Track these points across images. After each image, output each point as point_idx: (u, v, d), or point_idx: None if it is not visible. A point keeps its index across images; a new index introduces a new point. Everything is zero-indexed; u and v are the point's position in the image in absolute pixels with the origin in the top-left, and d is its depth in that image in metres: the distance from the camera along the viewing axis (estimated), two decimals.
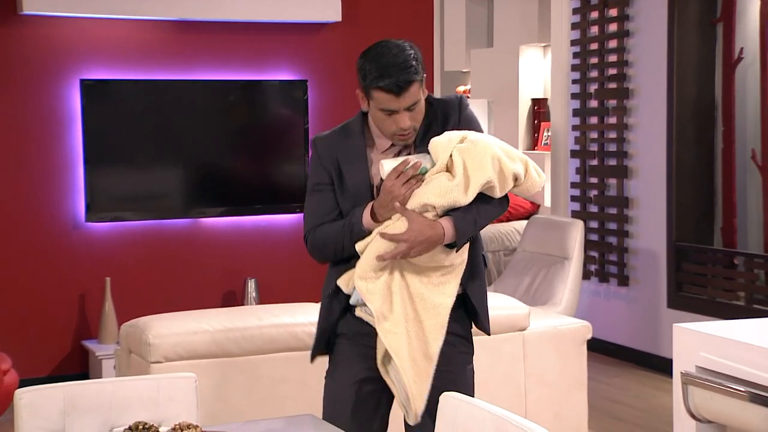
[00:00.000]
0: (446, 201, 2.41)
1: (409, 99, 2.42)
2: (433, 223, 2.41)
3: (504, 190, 2.47)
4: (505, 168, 2.44)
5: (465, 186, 2.41)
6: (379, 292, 2.44)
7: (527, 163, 2.52)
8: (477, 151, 2.42)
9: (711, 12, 5.47)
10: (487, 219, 2.49)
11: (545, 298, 5.20)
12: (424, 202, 2.42)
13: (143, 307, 5.12)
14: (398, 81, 2.38)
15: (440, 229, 2.41)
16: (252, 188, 5.68)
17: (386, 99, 2.41)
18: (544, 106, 7.66)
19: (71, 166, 5.31)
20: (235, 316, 3.46)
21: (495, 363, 3.72)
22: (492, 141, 2.49)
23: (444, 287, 2.48)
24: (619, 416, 4.78)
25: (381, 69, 2.39)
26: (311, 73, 5.76)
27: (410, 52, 2.43)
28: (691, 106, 5.48)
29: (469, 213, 2.44)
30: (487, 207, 2.47)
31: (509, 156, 2.47)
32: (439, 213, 2.43)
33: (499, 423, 1.96)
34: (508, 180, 2.46)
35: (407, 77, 2.39)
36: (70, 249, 5.32)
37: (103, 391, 2.29)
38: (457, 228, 2.42)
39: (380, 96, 2.41)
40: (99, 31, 5.35)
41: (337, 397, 2.57)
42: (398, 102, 2.41)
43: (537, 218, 5.75)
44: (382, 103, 2.42)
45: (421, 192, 2.42)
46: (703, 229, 5.53)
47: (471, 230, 2.45)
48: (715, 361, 2.96)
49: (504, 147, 2.49)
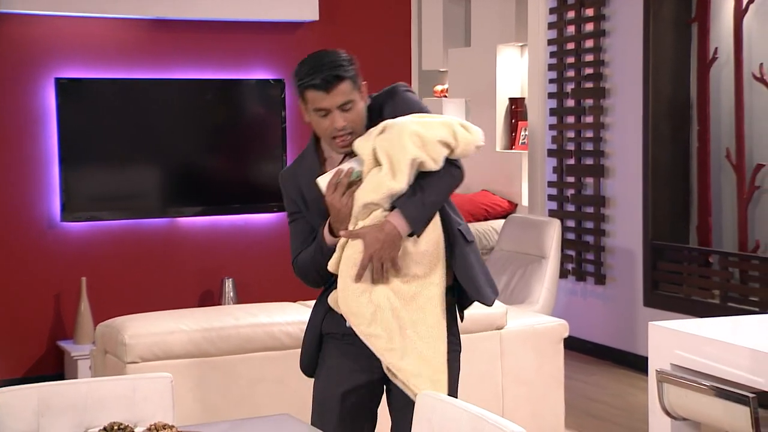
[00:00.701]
0: (382, 193, 2.40)
1: (339, 96, 2.43)
2: (381, 226, 2.41)
3: (438, 160, 2.43)
4: (427, 139, 2.41)
5: (392, 172, 2.40)
6: (364, 314, 2.43)
7: (452, 126, 2.47)
8: (394, 135, 2.42)
9: (686, 12, 5.51)
10: (436, 194, 2.44)
11: (522, 296, 5.22)
12: (365, 203, 2.42)
13: (119, 307, 5.09)
14: (326, 77, 2.42)
15: (390, 226, 2.41)
16: (229, 187, 5.66)
17: (317, 97, 2.44)
18: (521, 106, 7.69)
19: (46, 165, 5.27)
20: (211, 316, 3.45)
21: (472, 362, 3.73)
22: (409, 119, 2.46)
23: (430, 277, 2.46)
24: (596, 414, 4.81)
25: (311, 68, 2.45)
26: (288, 73, 5.70)
27: (343, 55, 2.48)
28: (666, 105, 5.52)
29: (413, 195, 2.43)
30: (432, 181, 2.44)
31: (428, 127, 2.44)
32: (385, 208, 2.43)
33: (476, 422, 1.96)
34: (437, 149, 2.42)
35: (335, 72, 2.42)
36: (45, 249, 5.28)
37: (77, 391, 2.28)
38: (406, 215, 2.41)
39: (311, 95, 2.45)
40: (74, 29, 5.31)
41: (325, 406, 2.57)
42: (329, 99, 2.43)
43: (514, 217, 5.77)
44: (314, 103, 2.45)
45: (359, 194, 2.43)
46: (678, 228, 5.57)
47: (421, 210, 2.43)
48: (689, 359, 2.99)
49: (423, 120, 2.46)
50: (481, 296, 2.57)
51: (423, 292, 2.45)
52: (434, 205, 2.46)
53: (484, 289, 2.57)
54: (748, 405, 2.72)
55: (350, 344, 2.52)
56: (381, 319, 2.42)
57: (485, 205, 7.50)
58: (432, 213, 2.46)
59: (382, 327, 2.42)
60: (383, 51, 5.85)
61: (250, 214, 5.62)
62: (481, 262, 2.60)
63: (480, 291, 2.56)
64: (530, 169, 6.50)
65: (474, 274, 2.55)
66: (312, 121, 2.50)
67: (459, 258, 2.52)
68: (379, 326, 2.42)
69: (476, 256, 2.59)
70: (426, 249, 2.46)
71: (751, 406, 2.71)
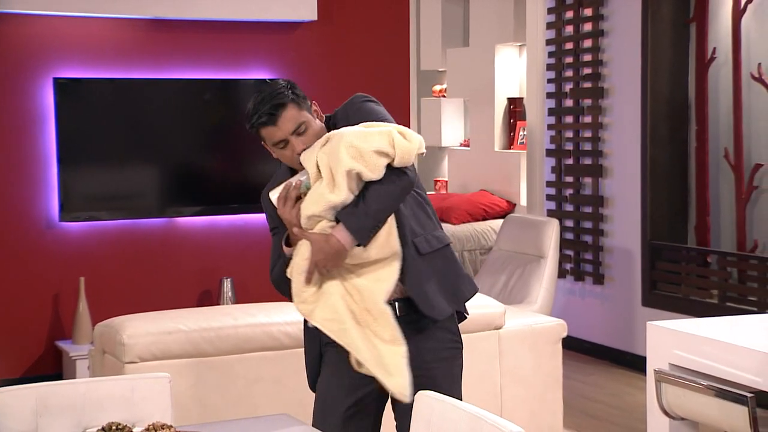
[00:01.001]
0: (323, 206, 2.42)
1: (288, 123, 2.46)
2: (327, 237, 2.42)
3: (376, 170, 2.41)
4: (363, 150, 2.40)
5: (331, 184, 2.42)
6: (315, 303, 2.46)
7: (390, 134, 2.44)
8: (333, 147, 2.43)
9: (684, 12, 5.51)
10: (380, 202, 2.43)
11: (521, 296, 5.22)
12: (308, 215, 2.44)
13: (118, 307, 5.08)
14: (268, 109, 2.44)
15: (335, 240, 2.42)
16: (228, 187, 5.66)
17: (270, 132, 2.47)
18: (519, 106, 7.69)
19: (45, 165, 5.27)
20: (210, 316, 3.45)
21: (471, 361, 3.71)
22: (348, 131, 2.47)
23: (378, 273, 2.47)
24: (594, 414, 4.81)
25: (254, 108, 2.47)
26: (287, 72, 5.75)
27: (280, 83, 2.49)
28: (664, 105, 5.52)
29: (357, 207, 2.43)
30: (377, 191, 2.42)
31: (365, 137, 2.42)
32: (329, 219, 2.44)
33: (475, 421, 1.96)
34: (373, 159, 2.41)
35: (275, 102, 2.44)
36: (43, 249, 5.28)
37: (76, 391, 2.28)
38: (349, 228, 2.42)
39: (265, 133, 2.48)
40: (73, 29, 5.31)
41: (327, 420, 2.56)
42: (280, 129, 2.46)
43: (513, 217, 5.77)
44: (270, 138, 2.48)
45: (303, 207, 2.45)
46: (677, 228, 5.57)
47: (365, 221, 2.42)
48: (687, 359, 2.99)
49: (361, 131, 2.45)
50: (432, 310, 2.54)
51: (369, 286, 2.46)
52: (379, 213, 2.44)
53: (436, 303, 2.54)
54: (746, 405, 2.72)
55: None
56: (330, 304, 2.45)
57: (484, 204, 7.50)
58: (379, 221, 2.45)
59: (331, 311, 2.45)
60: (382, 51, 5.85)
61: (249, 214, 5.62)
62: (443, 272, 2.57)
63: (431, 305, 2.53)
64: (529, 168, 6.50)
65: (425, 289, 2.53)
66: (279, 156, 2.53)
67: (407, 272, 2.51)
68: (329, 310, 2.45)
69: (433, 267, 2.55)
70: (377, 256, 2.46)
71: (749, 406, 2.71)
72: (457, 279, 2.61)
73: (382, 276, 2.47)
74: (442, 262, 2.59)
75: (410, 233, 2.53)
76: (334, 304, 2.46)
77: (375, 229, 2.44)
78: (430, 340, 2.56)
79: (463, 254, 7.06)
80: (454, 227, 7.20)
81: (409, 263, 2.51)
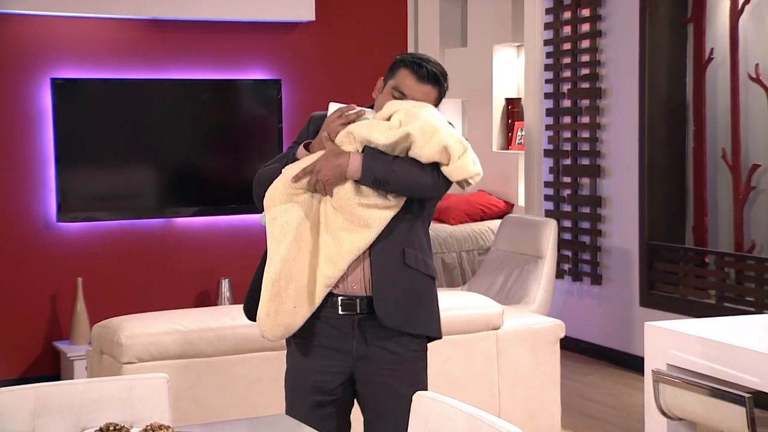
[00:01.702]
0: (364, 132, 2.47)
1: (421, 94, 2.53)
2: (341, 152, 2.48)
3: (424, 153, 2.44)
4: (435, 134, 2.45)
5: (385, 130, 2.47)
6: (282, 202, 2.50)
7: (467, 149, 2.51)
8: (417, 112, 2.49)
9: (682, 12, 5.52)
10: (403, 172, 2.46)
11: (519, 297, 5.22)
12: (348, 131, 2.50)
13: (116, 307, 5.08)
14: (430, 70, 2.54)
15: (346, 159, 2.47)
16: (226, 188, 5.66)
17: (408, 80, 2.54)
18: (518, 106, 7.69)
19: (42, 165, 5.26)
20: (208, 316, 3.45)
21: (469, 362, 3.74)
22: (438, 116, 2.52)
23: (345, 234, 2.47)
24: (592, 414, 4.81)
25: (420, 58, 2.56)
26: (285, 73, 5.75)
27: (445, 73, 2.61)
28: (662, 105, 5.53)
29: (384, 156, 2.48)
30: (408, 164, 2.47)
31: (447, 130, 2.49)
32: (357, 147, 2.48)
33: (473, 422, 1.96)
34: (434, 147, 2.44)
35: (436, 72, 2.54)
36: (41, 249, 5.28)
37: (74, 392, 2.27)
38: (365, 162, 2.46)
39: (403, 75, 2.55)
40: (70, 29, 5.31)
41: (295, 413, 2.56)
42: (414, 89, 2.53)
43: (511, 217, 5.77)
44: (400, 82, 2.55)
45: (354, 125, 2.51)
46: (674, 228, 5.57)
47: (380, 169, 2.45)
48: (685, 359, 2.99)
49: (446, 125, 2.52)
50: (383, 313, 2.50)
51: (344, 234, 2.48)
52: (395, 177, 2.46)
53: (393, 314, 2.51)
54: (744, 405, 2.72)
55: (318, 345, 2.53)
56: (291, 215, 2.48)
57: (482, 205, 7.51)
58: (388, 182, 2.46)
59: (286, 219, 2.48)
60: (379, 51, 5.84)
61: (247, 214, 5.62)
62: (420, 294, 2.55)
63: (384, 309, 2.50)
64: (527, 169, 6.51)
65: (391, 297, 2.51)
66: (380, 96, 2.57)
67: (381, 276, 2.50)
68: (285, 216, 2.48)
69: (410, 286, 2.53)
70: (357, 214, 2.47)
71: (747, 406, 2.72)
72: (428, 314, 2.59)
73: (344, 241, 2.47)
74: (423, 288, 2.57)
75: (405, 241, 2.53)
76: (293, 216, 2.48)
77: (380, 183, 2.46)
78: (388, 342, 2.55)
79: (461, 255, 7.06)
80: (452, 227, 7.20)
81: (390, 266, 2.51)
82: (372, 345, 2.54)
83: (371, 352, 2.54)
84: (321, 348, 2.52)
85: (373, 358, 2.54)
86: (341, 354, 2.55)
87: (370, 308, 2.52)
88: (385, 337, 2.54)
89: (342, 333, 2.54)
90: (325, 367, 2.55)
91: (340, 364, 2.56)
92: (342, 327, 2.54)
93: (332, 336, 2.53)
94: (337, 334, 2.54)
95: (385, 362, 2.55)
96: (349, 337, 2.54)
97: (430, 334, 2.61)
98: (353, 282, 2.51)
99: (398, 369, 2.56)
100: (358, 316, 2.53)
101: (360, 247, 2.48)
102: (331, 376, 2.56)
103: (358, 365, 2.56)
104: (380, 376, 2.55)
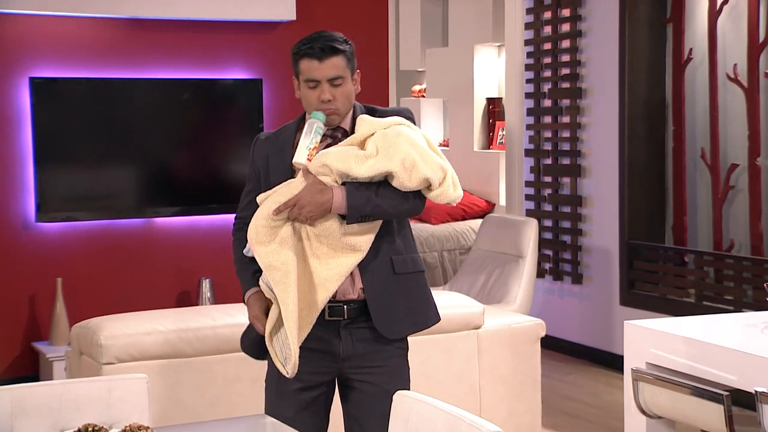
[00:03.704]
0: (342, 166, 2.44)
1: (330, 69, 2.48)
2: (325, 188, 2.45)
3: (407, 186, 2.45)
4: (418, 167, 2.44)
5: (363, 162, 2.44)
6: (269, 241, 2.46)
7: (447, 173, 2.50)
8: (393, 141, 2.46)
9: (661, 13, 5.55)
10: (387, 205, 2.46)
11: (500, 296, 5.23)
12: (324, 163, 2.46)
13: (96, 308, 5.06)
14: (322, 46, 2.48)
15: (330, 194, 2.44)
16: (206, 188, 5.64)
17: (310, 67, 2.49)
18: (498, 106, 7.71)
19: (21, 165, 5.23)
20: (188, 317, 3.44)
21: (449, 361, 3.74)
22: (417, 138, 2.49)
23: (333, 260, 2.47)
24: (573, 413, 4.83)
25: (308, 40, 2.51)
26: (266, 72, 5.74)
27: (340, 36, 2.54)
28: (642, 105, 5.55)
29: (366, 189, 2.46)
30: (390, 194, 2.46)
31: (425, 159, 2.46)
32: (336, 179, 2.46)
33: (453, 421, 1.96)
34: (416, 180, 2.44)
35: (330, 44, 2.48)
36: (20, 249, 5.24)
37: (52, 393, 2.26)
38: (349, 200, 2.44)
39: (305, 65, 2.50)
40: (49, 28, 5.27)
41: (278, 413, 2.54)
42: (321, 69, 2.48)
43: (492, 217, 5.78)
44: (306, 73, 2.50)
45: (326, 153, 2.47)
46: (654, 228, 5.60)
47: (364, 205, 2.44)
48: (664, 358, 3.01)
49: (425, 149, 2.49)
50: (388, 331, 2.54)
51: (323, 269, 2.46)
52: (377, 209, 2.46)
53: (396, 325, 2.55)
54: (722, 403, 2.74)
55: (304, 348, 2.51)
56: (283, 254, 2.45)
57: (463, 204, 7.52)
58: (372, 216, 2.47)
59: (282, 260, 2.44)
60: (361, 51, 5.79)
61: (228, 214, 5.60)
62: (413, 295, 2.58)
63: (390, 327, 2.53)
64: (508, 168, 6.52)
65: (390, 309, 2.53)
66: (302, 95, 2.54)
67: (377, 288, 2.51)
68: (279, 258, 2.45)
69: (404, 288, 2.55)
70: (349, 244, 2.47)
71: (725, 404, 2.73)
72: (424, 305, 2.63)
73: (332, 265, 2.47)
74: (415, 285, 2.60)
75: (392, 250, 2.54)
76: (286, 257, 2.44)
77: (364, 219, 2.47)
78: (375, 342, 2.56)
79: (442, 254, 7.07)
80: (434, 227, 7.21)
81: (381, 280, 2.52)
82: (359, 346, 2.55)
83: (358, 353, 2.55)
84: (307, 351, 2.52)
85: (360, 358, 2.56)
86: (329, 356, 2.56)
87: (359, 313, 2.53)
88: (372, 338, 2.56)
89: (329, 336, 2.55)
90: (312, 368, 2.55)
91: (328, 365, 2.57)
92: (329, 331, 2.54)
93: (318, 339, 2.53)
94: (323, 337, 2.54)
95: (371, 361, 2.56)
96: (335, 340, 2.55)
97: (431, 324, 2.64)
98: (342, 290, 2.53)
99: (385, 366, 2.57)
100: (345, 321, 2.54)
101: (350, 267, 2.49)
102: (318, 377, 2.57)
103: (345, 365, 2.57)
104: (368, 375, 2.56)
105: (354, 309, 2.53)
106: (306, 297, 2.47)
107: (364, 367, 2.56)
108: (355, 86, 2.56)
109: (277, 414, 2.51)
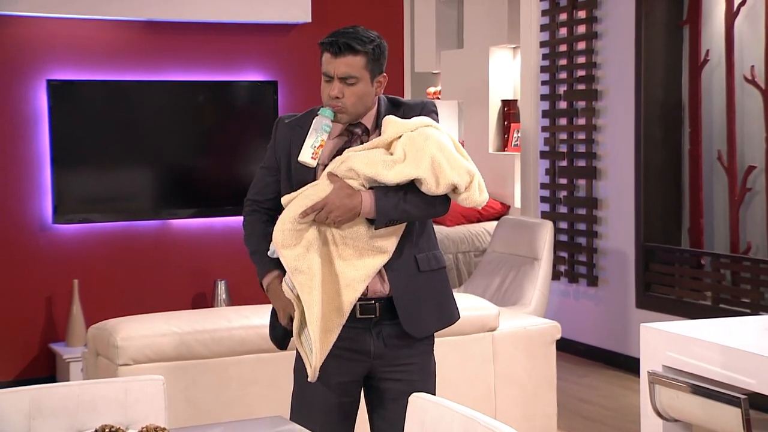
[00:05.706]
0: (370, 171, 2.43)
1: (343, 66, 2.46)
2: (353, 192, 2.44)
3: (434, 191, 2.45)
4: (443, 174, 2.44)
5: (392, 167, 2.44)
6: (294, 244, 2.45)
7: (474, 178, 2.50)
8: (421, 146, 2.45)
9: (677, 14, 5.53)
10: (414, 209, 2.47)
11: (515, 298, 5.23)
12: (350, 167, 2.45)
13: (112, 309, 5.08)
14: (340, 43, 2.45)
15: (359, 198, 2.44)
16: (222, 190, 5.66)
17: (326, 60, 2.49)
18: (514, 108, 7.70)
19: (38, 167, 5.26)
20: (204, 318, 3.45)
21: (465, 363, 3.74)
22: (444, 141, 2.48)
23: (360, 261, 2.47)
24: (588, 416, 4.82)
25: (333, 33, 2.49)
26: (281, 74, 5.75)
27: (370, 34, 2.50)
28: (658, 107, 5.53)
29: (394, 194, 2.45)
30: (417, 199, 2.46)
31: (452, 165, 2.46)
32: (363, 183, 2.45)
33: (468, 423, 1.96)
34: (441, 185, 2.45)
35: (349, 42, 2.46)
36: (37, 251, 5.27)
37: (69, 394, 2.27)
38: (378, 204, 2.44)
39: (324, 58, 2.50)
40: (66, 31, 5.30)
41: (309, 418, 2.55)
42: (334, 65, 2.46)
43: (507, 219, 5.77)
44: (324, 66, 2.50)
45: (353, 157, 2.46)
46: (670, 230, 5.58)
47: (392, 211, 2.44)
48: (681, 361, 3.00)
49: (452, 153, 2.48)
50: (416, 330, 2.55)
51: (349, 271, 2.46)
52: (404, 214, 2.47)
53: (423, 323, 2.56)
54: (740, 406, 2.73)
55: (336, 347, 2.51)
56: (309, 258, 2.44)
57: None
58: (399, 220, 2.48)
59: (307, 264, 2.44)
60: None
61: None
62: (437, 292, 2.59)
63: (418, 325, 2.55)
64: (523, 170, 6.51)
65: (417, 308, 2.55)
66: (322, 86, 2.53)
67: (403, 287, 2.52)
68: (305, 262, 2.44)
69: (429, 286, 2.57)
70: (376, 246, 2.47)
71: (743, 408, 2.72)
72: (448, 301, 2.64)
73: (359, 266, 2.47)
74: (438, 282, 2.61)
75: (416, 248, 2.55)
76: (312, 261, 2.44)
77: (391, 223, 2.47)
78: (406, 338, 2.57)
79: (457, 256, 7.07)
80: (449, 229, 7.21)
81: (406, 279, 2.53)
82: (389, 342, 2.56)
83: (389, 350, 2.56)
84: (337, 351, 2.51)
85: (390, 355, 2.56)
86: (360, 354, 2.56)
87: (389, 310, 2.53)
88: (401, 334, 2.56)
89: (360, 335, 2.55)
90: (344, 370, 2.55)
91: (358, 365, 2.57)
92: (360, 329, 2.55)
93: (349, 339, 2.54)
94: (353, 337, 2.54)
95: (402, 357, 2.57)
96: (367, 338, 2.55)
97: (455, 320, 2.66)
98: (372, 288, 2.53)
99: (415, 363, 2.59)
100: (375, 318, 2.54)
101: (377, 268, 2.49)
102: (351, 376, 2.57)
103: (376, 363, 2.57)
104: (399, 373, 2.57)
105: (385, 306, 2.53)
106: (333, 300, 2.46)
107: (394, 365, 2.56)
108: (376, 89, 2.52)
109: (304, 421, 2.51)
